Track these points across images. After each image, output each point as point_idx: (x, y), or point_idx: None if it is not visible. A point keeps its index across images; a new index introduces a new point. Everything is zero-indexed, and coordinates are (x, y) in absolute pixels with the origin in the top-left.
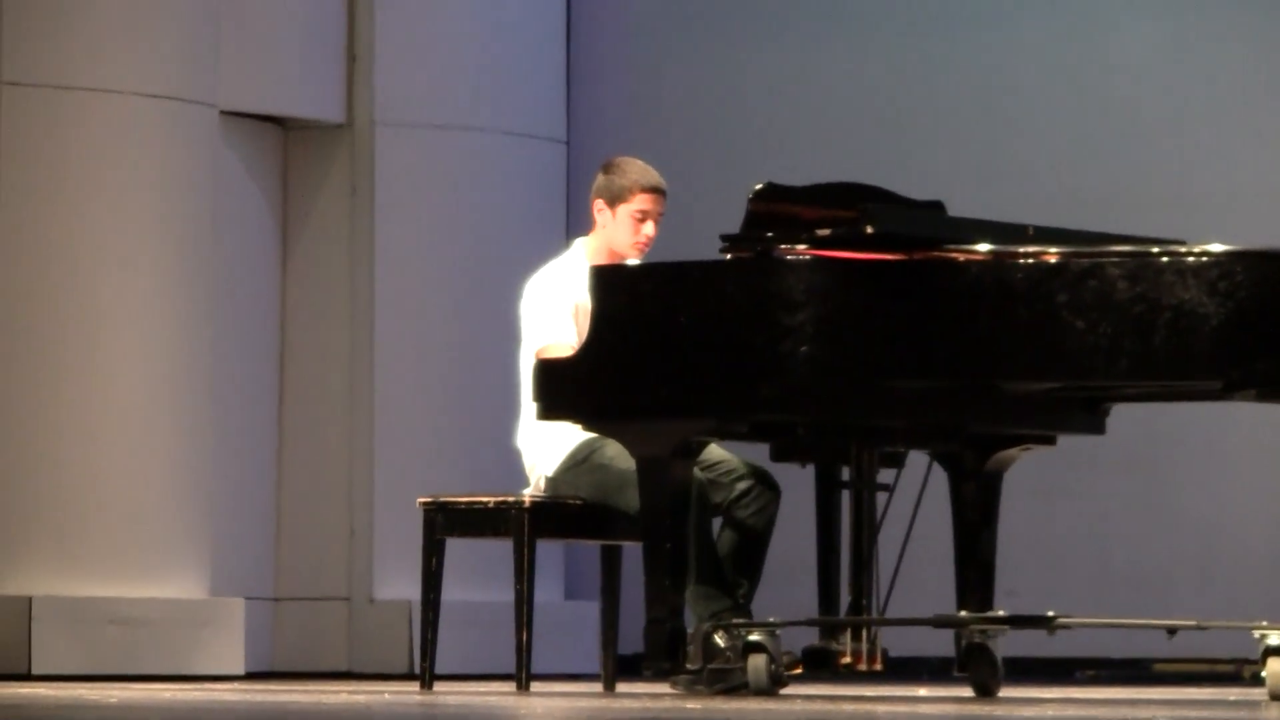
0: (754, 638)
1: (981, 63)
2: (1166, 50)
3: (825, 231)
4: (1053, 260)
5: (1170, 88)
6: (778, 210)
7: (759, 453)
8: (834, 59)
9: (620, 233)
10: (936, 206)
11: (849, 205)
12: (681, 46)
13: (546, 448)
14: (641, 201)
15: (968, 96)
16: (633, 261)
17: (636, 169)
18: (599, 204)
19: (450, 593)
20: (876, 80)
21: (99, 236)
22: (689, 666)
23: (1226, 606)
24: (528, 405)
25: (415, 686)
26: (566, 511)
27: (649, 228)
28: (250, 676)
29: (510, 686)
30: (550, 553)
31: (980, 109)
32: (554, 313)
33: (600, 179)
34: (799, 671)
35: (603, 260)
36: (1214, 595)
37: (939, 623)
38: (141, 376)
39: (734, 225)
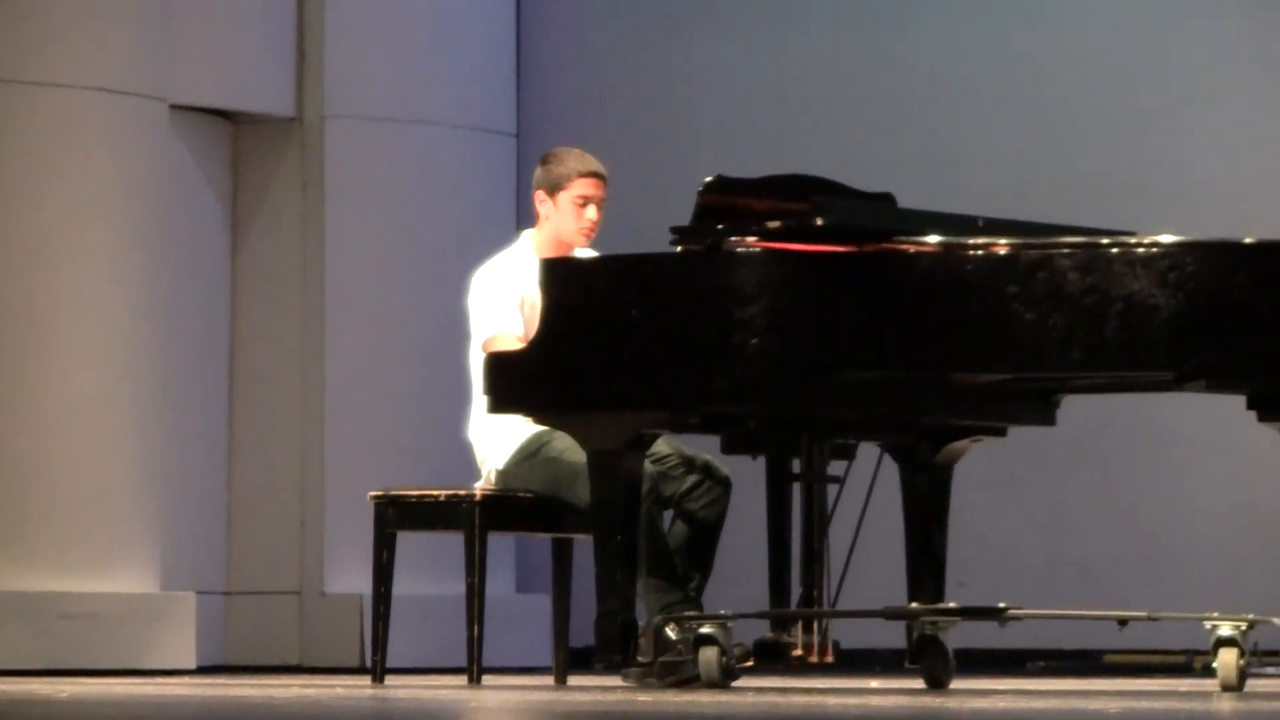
0: (705, 630)
1: (931, 54)
2: (1118, 40)
3: (776, 224)
4: (1003, 252)
5: (1122, 78)
6: (728, 203)
7: (710, 445)
8: (784, 51)
9: (564, 220)
10: (887, 198)
11: (799, 197)
12: (631, 40)
13: (497, 441)
14: (581, 186)
15: (918, 87)
16: (584, 254)
17: (574, 156)
18: (540, 195)
19: (402, 586)
20: (827, 72)
21: (50, 230)
22: (640, 659)
23: (1178, 598)
24: (478, 398)
25: (367, 680)
26: (517, 505)
27: (591, 212)
28: (202, 671)
29: (462, 680)
30: (501, 546)
31: (930, 100)
32: (500, 304)
33: (539, 171)
34: (750, 664)
35: (550, 251)
36: (1165, 587)
37: (890, 615)
38: (92, 371)
39: (684, 218)
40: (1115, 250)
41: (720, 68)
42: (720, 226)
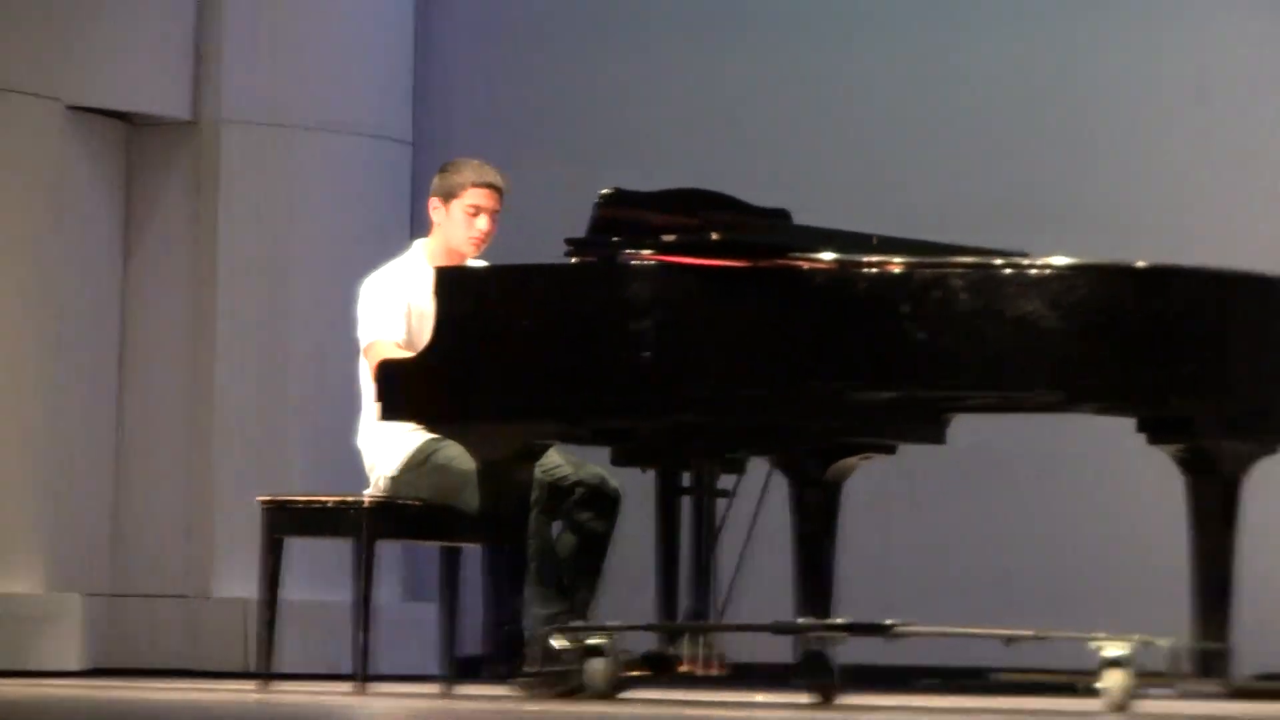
0: (593, 641)
1: (830, 71)
2: (1042, 59)
3: (671, 237)
4: (896, 270)
5: (1026, 95)
6: (624, 215)
7: (600, 456)
8: (684, 65)
9: (455, 228)
10: (782, 214)
11: (696, 211)
12: (530, 50)
13: (387, 448)
14: (474, 196)
15: (817, 104)
16: (476, 263)
17: (471, 166)
18: (434, 202)
19: (290, 592)
20: (725, 86)
21: None
22: (528, 669)
23: (1067, 617)
24: (368, 405)
25: (253, 685)
26: (406, 512)
27: (482, 222)
28: (89, 673)
29: (349, 686)
30: (390, 553)
31: (829, 116)
32: (383, 311)
33: (436, 179)
34: (639, 675)
35: (441, 260)
36: (1054, 606)
37: (778, 629)
38: None
39: (580, 230)
40: (1008, 271)
41: (618, 79)
42: (615, 239)
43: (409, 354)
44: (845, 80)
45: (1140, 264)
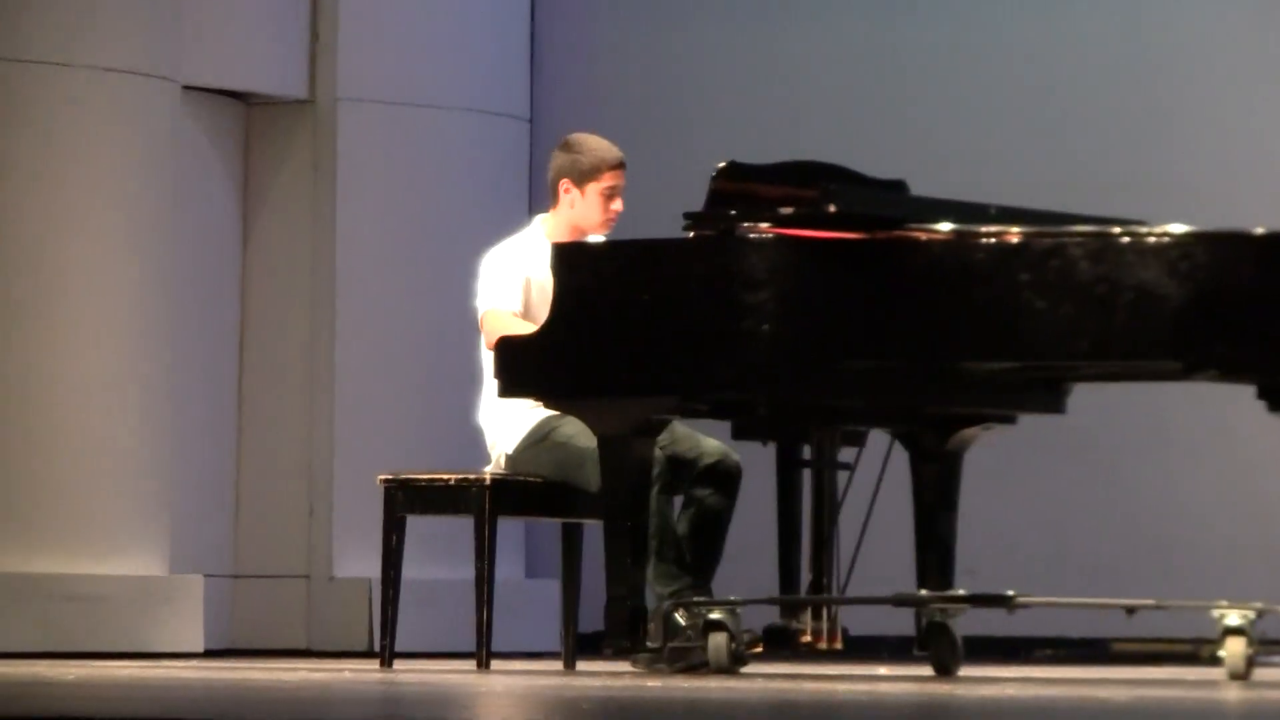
0: (714, 616)
1: (944, 42)
2: (1127, 29)
3: (788, 210)
4: (1014, 240)
5: (1135, 69)
6: (740, 189)
7: (721, 431)
8: (798, 37)
9: (590, 211)
10: (899, 186)
11: (811, 184)
12: (644, 24)
13: (507, 425)
14: (611, 178)
15: (931, 75)
16: (595, 239)
17: (601, 146)
18: (565, 184)
19: (410, 570)
20: (840, 58)
21: (60, 211)
22: (649, 645)
23: (1184, 587)
24: (489, 383)
25: (375, 664)
26: (527, 489)
27: (618, 204)
28: (209, 654)
29: (470, 664)
30: (511, 530)
31: (943, 88)
32: (502, 281)
33: (563, 158)
34: (759, 650)
35: (563, 237)
36: (1172, 576)
37: (899, 601)
38: (101, 352)
39: (697, 204)
40: (1126, 239)
41: (732, 53)
42: (732, 212)
43: (524, 323)
44: (956, 52)
45: (1258, 230)
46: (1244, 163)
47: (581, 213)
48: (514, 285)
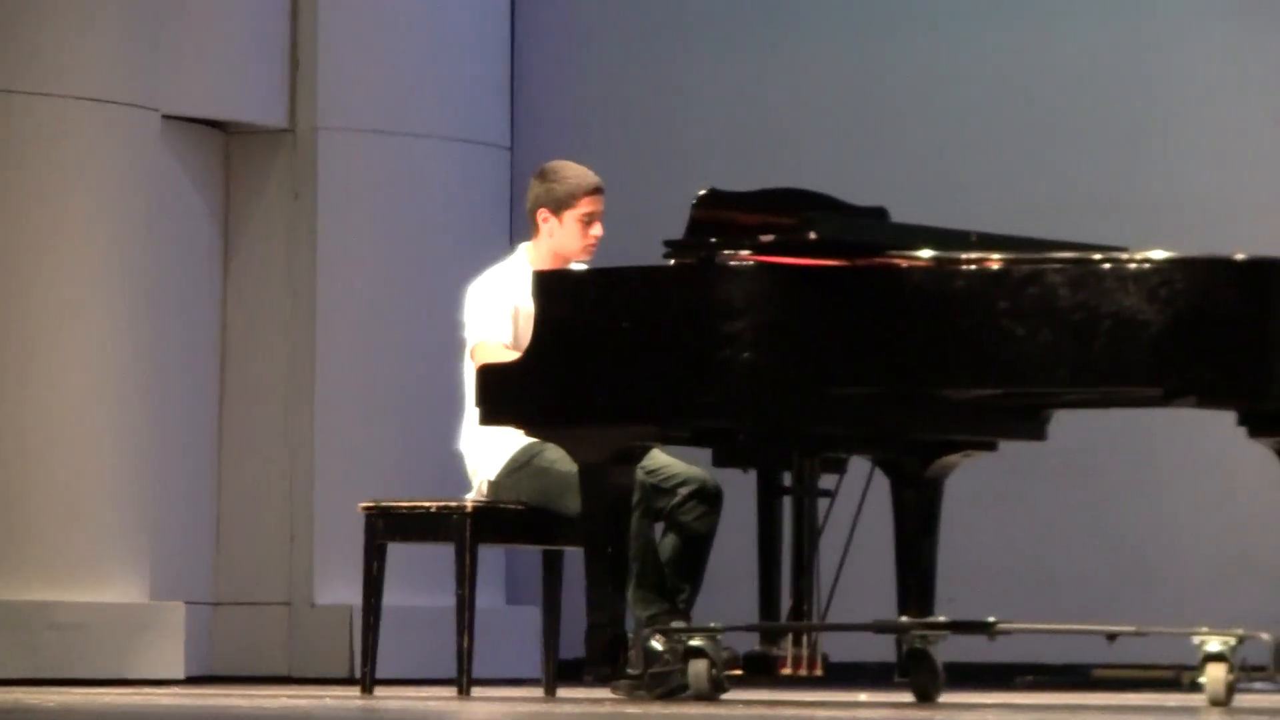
0: (695, 642)
1: (926, 70)
2: (1114, 57)
3: (768, 238)
4: (994, 267)
5: (1116, 95)
6: (721, 216)
7: (701, 457)
8: (778, 65)
9: (569, 239)
10: (879, 213)
11: (791, 211)
12: (625, 52)
13: (489, 452)
14: (587, 204)
15: (912, 103)
16: (576, 266)
17: (576, 173)
18: (543, 213)
19: (391, 598)
20: (821, 86)
21: (39, 240)
22: (630, 671)
23: (1166, 613)
24: (470, 410)
25: (356, 691)
26: (508, 516)
27: (597, 229)
28: (190, 681)
29: (451, 691)
30: (492, 557)
31: (925, 116)
32: (491, 312)
33: (539, 188)
34: (739, 676)
35: (547, 265)
36: (1154, 602)
37: (880, 628)
38: (82, 380)
39: (677, 231)
40: (1106, 266)
41: (714, 81)
42: (713, 240)
43: (514, 354)
44: (941, 76)
45: (1239, 256)
46: (1227, 185)
47: (561, 241)
48: (502, 315)
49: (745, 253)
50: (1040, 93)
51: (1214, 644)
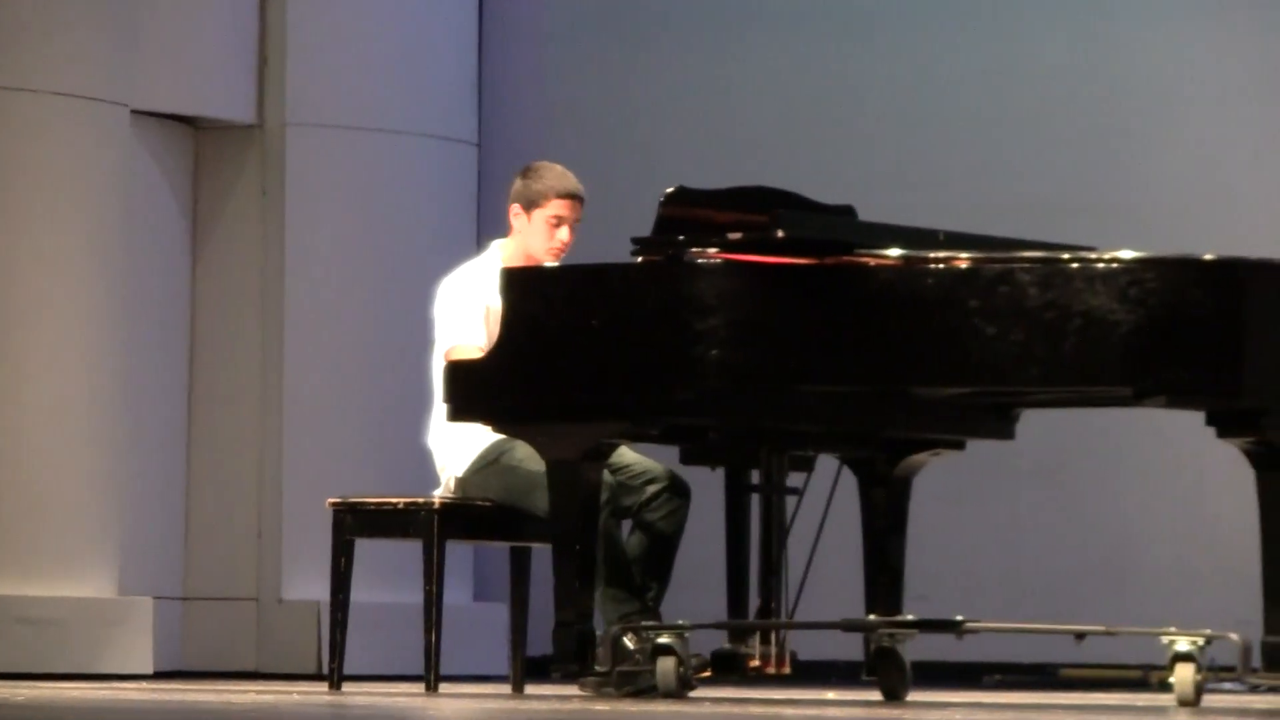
0: (663, 640)
1: (894, 69)
2: (1083, 56)
3: (736, 235)
4: (964, 266)
5: (1086, 95)
6: (689, 214)
7: (669, 455)
8: (747, 64)
9: (535, 238)
10: (847, 211)
11: (760, 209)
12: (593, 50)
13: (457, 449)
14: (557, 207)
15: (881, 101)
16: (545, 263)
17: (554, 174)
18: (515, 208)
19: (359, 594)
20: (789, 85)
21: (8, 234)
22: (598, 668)
23: (1135, 613)
24: (439, 406)
25: (324, 687)
26: (476, 513)
27: (564, 233)
28: (158, 676)
29: (419, 687)
30: (459, 554)
31: (894, 114)
32: (464, 314)
33: (518, 183)
34: (708, 674)
35: (518, 264)
36: (1122, 602)
37: (848, 626)
38: (51, 375)
39: (645, 229)
40: (1075, 265)
41: (682, 79)
42: (680, 237)
43: None
44: (910, 76)
45: (1208, 256)
46: (1195, 186)
47: (528, 239)
48: (474, 317)
49: (713, 250)
50: (1008, 92)
51: (1182, 644)
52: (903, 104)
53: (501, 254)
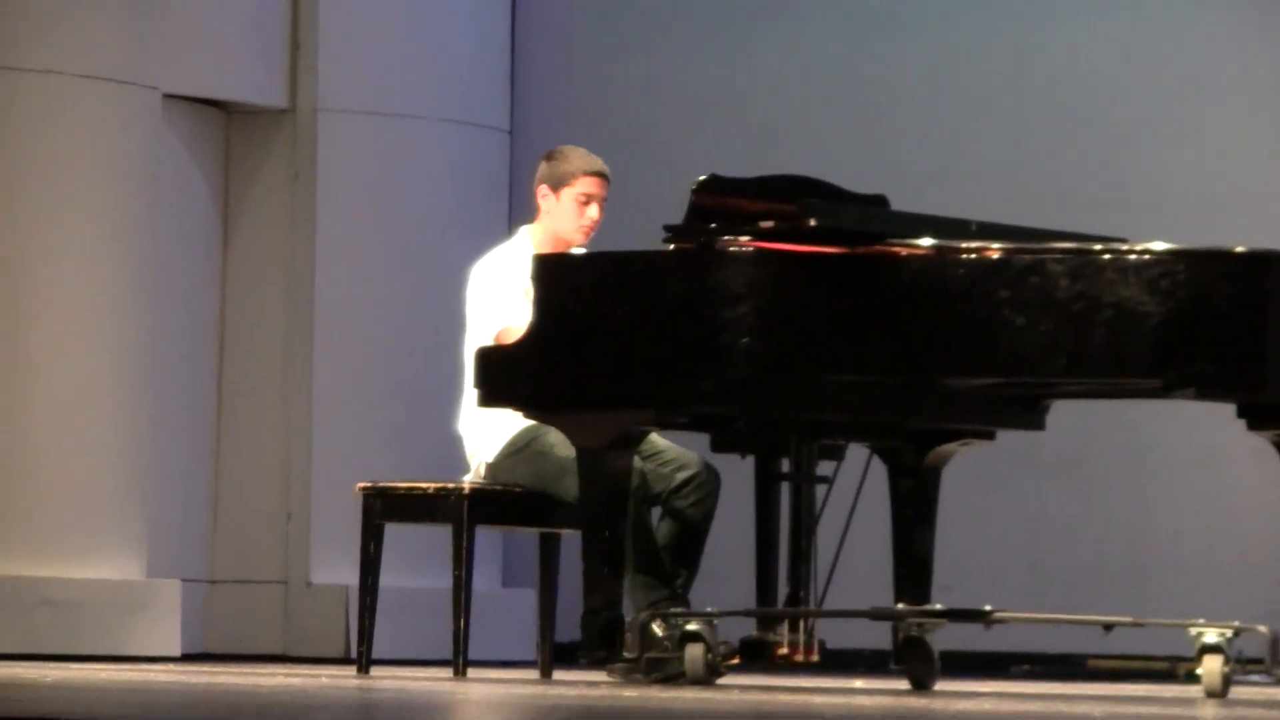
0: (691, 627)
1: (928, 58)
2: (1115, 49)
3: (768, 224)
4: (994, 256)
5: (1118, 87)
6: (720, 203)
7: (699, 443)
8: (780, 52)
9: (564, 217)
10: (879, 201)
11: (792, 198)
12: (626, 37)
13: (487, 434)
14: (585, 185)
15: (914, 91)
16: (576, 251)
17: (579, 154)
18: (543, 190)
19: (388, 578)
20: (823, 73)
21: (39, 218)
22: (626, 655)
23: (1161, 605)
24: (470, 391)
25: (352, 671)
26: (505, 499)
27: (593, 210)
28: (185, 658)
29: (447, 672)
30: (489, 540)
31: (926, 104)
32: (507, 295)
33: (543, 166)
34: (736, 662)
35: (548, 247)
36: (1150, 593)
37: (876, 615)
38: (80, 359)
39: (676, 217)
40: (1106, 257)
41: (714, 67)
42: (712, 226)
43: None
44: (939, 66)
45: (1239, 249)
46: (1225, 179)
47: (557, 219)
48: (518, 297)
49: (745, 239)
50: (1034, 84)
51: (1210, 636)
52: (933, 93)
53: (531, 238)
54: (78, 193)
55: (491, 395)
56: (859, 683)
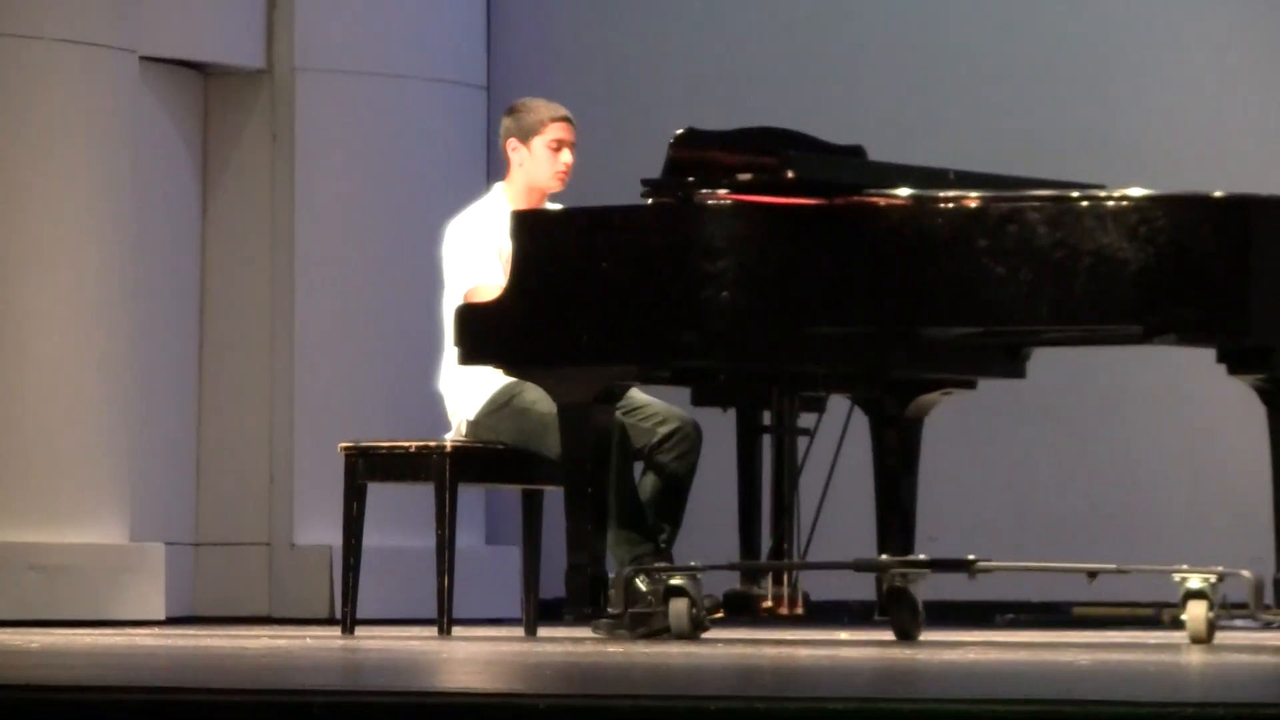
0: (675, 582)
1: (903, 8)
2: None
3: (746, 177)
4: (973, 205)
5: (1090, 31)
6: (699, 156)
7: (680, 397)
8: (755, 6)
9: (539, 166)
10: (857, 152)
11: (770, 151)
12: None
13: (468, 392)
14: (554, 130)
15: (889, 42)
16: (553, 206)
17: (542, 104)
18: (512, 143)
19: (371, 538)
20: (796, 24)
21: (18, 182)
22: (610, 611)
23: (1145, 552)
24: (450, 350)
25: (336, 631)
26: (488, 456)
27: (566, 155)
28: (171, 621)
29: (432, 631)
30: (471, 497)
31: (902, 55)
32: (479, 254)
33: (508, 121)
34: (720, 616)
35: (523, 202)
36: (1134, 540)
37: (860, 566)
38: (61, 322)
39: (654, 171)
40: (1085, 204)
41: (691, 21)
42: (690, 179)
43: None
44: (921, 17)
45: (1218, 194)
46: (1201, 125)
47: (531, 170)
48: (490, 257)
49: (723, 192)
50: (1015, 31)
51: (1195, 581)
52: (910, 42)
53: (505, 194)
54: (56, 157)
55: (471, 353)
56: (844, 634)
